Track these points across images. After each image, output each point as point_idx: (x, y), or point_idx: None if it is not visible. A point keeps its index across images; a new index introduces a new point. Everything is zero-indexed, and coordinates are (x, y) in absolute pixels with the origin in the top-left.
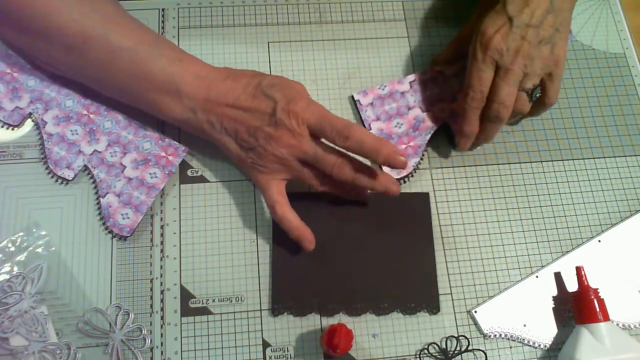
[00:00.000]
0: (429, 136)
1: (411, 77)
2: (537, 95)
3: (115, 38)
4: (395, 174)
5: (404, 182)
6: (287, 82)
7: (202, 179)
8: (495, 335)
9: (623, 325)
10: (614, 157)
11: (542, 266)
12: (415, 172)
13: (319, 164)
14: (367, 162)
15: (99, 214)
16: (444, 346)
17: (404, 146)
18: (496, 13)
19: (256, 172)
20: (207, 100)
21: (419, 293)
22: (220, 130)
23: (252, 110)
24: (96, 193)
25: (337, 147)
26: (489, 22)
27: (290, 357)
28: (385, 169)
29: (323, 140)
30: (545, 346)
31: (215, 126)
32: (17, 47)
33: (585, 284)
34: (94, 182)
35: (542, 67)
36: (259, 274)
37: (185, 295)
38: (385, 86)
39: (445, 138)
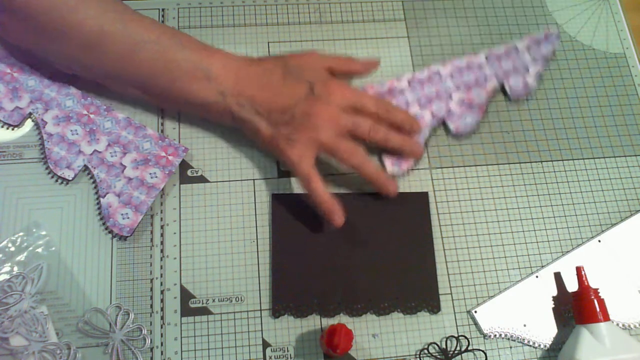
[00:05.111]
0: (427, 133)
1: (409, 75)
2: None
3: (135, 32)
4: (396, 170)
5: (404, 176)
6: (308, 62)
7: (202, 179)
8: (495, 335)
9: (623, 325)
10: (614, 157)
11: (542, 266)
12: (413, 170)
13: (357, 131)
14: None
15: (99, 214)
16: (444, 346)
17: None
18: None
19: (289, 148)
20: (237, 83)
21: (419, 292)
22: (250, 111)
23: (284, 91)
24: (96, 193)
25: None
26: None
27: (290, 357)
28: (387, 167)
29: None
30: (545, 346)
31: (245, 107)
32: (29, 50)
33: (585, 284)
34: (94, 182)
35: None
36: (259, 274)
37: (185, 295)
38: (384, 83)
39: (445, 138)
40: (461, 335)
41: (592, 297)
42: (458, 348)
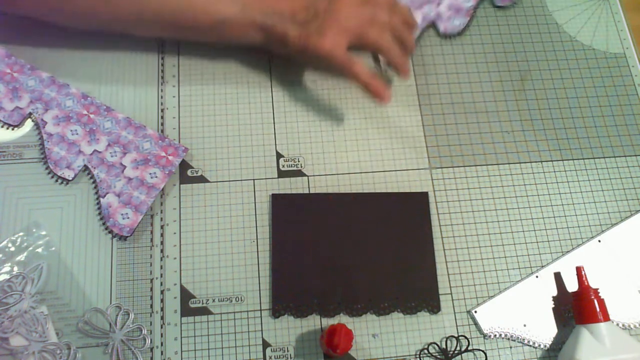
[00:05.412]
0: (418, 34)
1: None
2: None
3: None
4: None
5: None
6: None
7: (202, 179)
8: (495, 335)
9: (623, 325)
10: (614, 157)
11: (542, 266)
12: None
13: (376, 20)
14: None
15: (99, 214)
16: (444, 346)
17: None
18: None
19: (320, 40)
20: None
21: (419, 292)
22: (274, 17)
23: None
24: (96, 193)
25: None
26: None
27: (290, 357)
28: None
29: None
30: (545, 346)
31: (268, 14)
32: (43, 18)
33: (585, 284)
34: (94, 182)
35: None
36: (259, 274)
37: (185, 295)
38: None
39: (446, 138)
40: (461, 335)
41: (592, 297)
42: (458, 348)
